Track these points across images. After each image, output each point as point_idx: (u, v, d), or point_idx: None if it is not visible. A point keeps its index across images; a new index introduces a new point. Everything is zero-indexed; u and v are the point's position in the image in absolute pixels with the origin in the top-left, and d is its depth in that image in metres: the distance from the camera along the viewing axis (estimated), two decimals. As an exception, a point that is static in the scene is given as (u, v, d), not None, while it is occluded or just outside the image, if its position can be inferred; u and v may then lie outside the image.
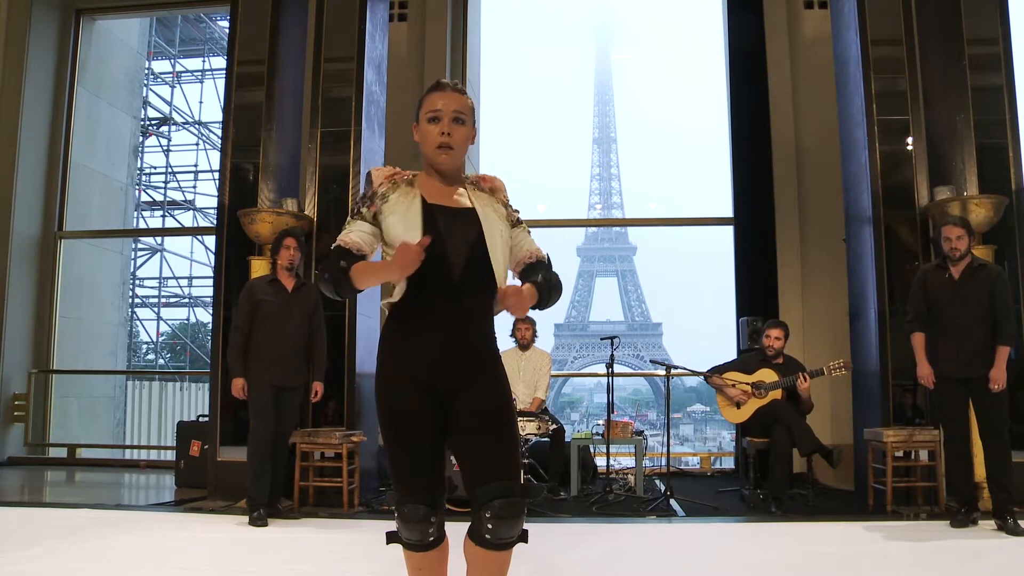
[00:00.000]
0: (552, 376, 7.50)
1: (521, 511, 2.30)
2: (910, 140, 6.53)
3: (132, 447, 12.37)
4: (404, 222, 2.35)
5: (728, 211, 9.08)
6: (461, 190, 2.48)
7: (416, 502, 2.33)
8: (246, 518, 5.49)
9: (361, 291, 2.39)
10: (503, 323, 6.97)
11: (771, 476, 6.06)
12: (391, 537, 2.42)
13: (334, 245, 2.38)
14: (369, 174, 2.48)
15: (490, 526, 2.27)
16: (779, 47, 8.83)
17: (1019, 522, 4.95)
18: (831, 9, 7.68)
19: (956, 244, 5.21)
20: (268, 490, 5.54)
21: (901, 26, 6.65)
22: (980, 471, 5.38)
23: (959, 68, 6.45)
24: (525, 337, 7.24)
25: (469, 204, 2.45)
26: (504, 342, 7.28)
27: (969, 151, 6.33)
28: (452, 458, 5.80)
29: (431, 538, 2.37)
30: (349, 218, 2.43)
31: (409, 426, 2.33)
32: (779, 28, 8.86)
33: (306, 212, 6.79)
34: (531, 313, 2.83)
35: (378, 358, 2.42)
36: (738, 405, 6.39)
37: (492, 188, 2.55)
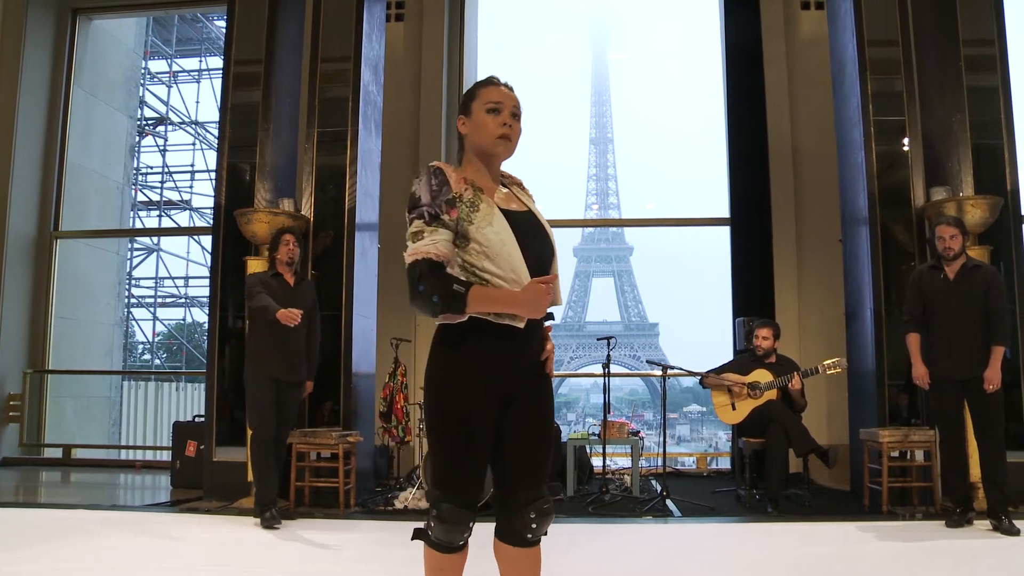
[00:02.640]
0: (549, 376, 7.49)
1: (553, 509, 2.42)
2: (906, 141, 6.54)
3: (128, 447, 12.36)
4: (502, 237, 2.28)
5: (725, 211, 9.09)
6: (504, 188, 2.46)
7: (460, 505, 2.31)
8: (242, 518, 5.49)
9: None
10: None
11: (767, 476, 6.07)
12: (418, 534, 2.41)
13: (422, 257, 2.23)
14: (440, 171, 2.32)
15: (535, 525, 2.35)
16: (776, 47, 8.84)
17: (1014, 522, 4.97)
18: (828, 10, 7.69)
19: (950, 243, 5.22)
20: (276, 490, 5.50)
21: (897, 27, 6.66)
22: (975, 471, 5.40)
23: (955, 69, 6.46)
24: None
25: (523, 206, 2.44)
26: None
27: (965, 152, 6.34)
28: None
29: (463, 541, 2.37)
30: (420, 221, 2.27)
31: (476, 432, 2.31)
32: (776, 29, 8.87)
33: (303, 212, 6.79)
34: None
35: (442, 360, 2.34)
36: (733, 406, 6.39)
37: (519, 184, 2.54)
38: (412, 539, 2.42)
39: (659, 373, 6.62)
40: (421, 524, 2.42)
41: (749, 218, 8.71)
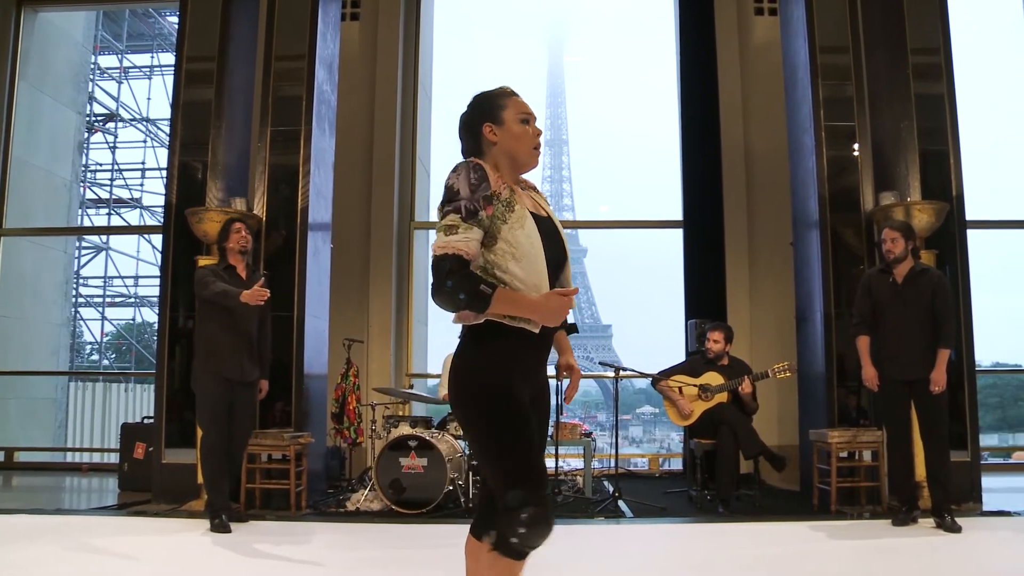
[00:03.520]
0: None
1: None
2: (856, 146, 6.64)
3: (74, 450, 12.14)
4: (532, 241, 2.31)
5: (678, 214, 9.14)
6: (520, 190, 2.47)
7: (545, 503, 2.23)
8: (192, 521, 5.40)
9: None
10: (456, 327, 6.95)
11: (717, 477, 6.13)
12: (502, 546, 2.24)
13: (453, 252, 2.22)
14: (480, 167, 2.32)
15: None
16: (730, 53, 8.92)
17: (956, 520, 5.09)
18: (780, 16, 7.79)
19: (890, 247, 5.34)
20: (227, 495, 5.38)
21: (848, 34, 6.77)
22: (920, 470, 5.50)
23: (903, 76, 6.58)
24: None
25: (543, 211, 2.47)
26: (455, 345, 7.26)
27: (912, 157, 6.46)
28: (400, 459, 5.78)
29: None
30: (457, 215, 2.25)
31: (533, 425, 2.31)
32: (730, 34, 8.95)
33: (255, 211, 6.71)
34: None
35: (493, 357, 2.31)
36: (685, 417, 6.44)
37: (535, 188, 2.56)
38: (492, 549, 2.25)
39: (612, 374, 6.65)
40: (491, 535, 2.27)
41: (702, 221, 8.78)
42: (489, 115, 2.44)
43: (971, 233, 6.57)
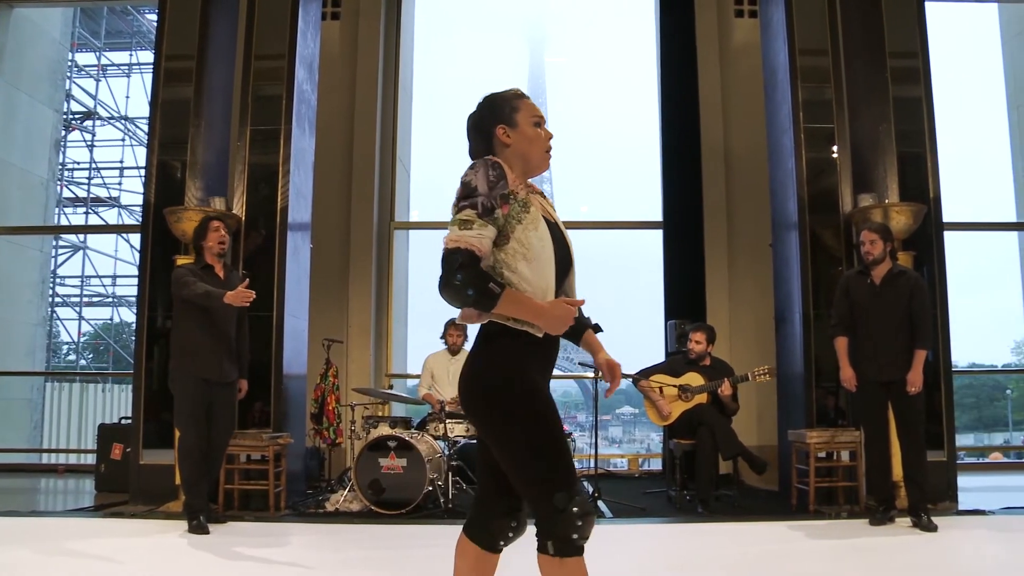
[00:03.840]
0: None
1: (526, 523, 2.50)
2: (835, 148, 6.68)
3: (50, 451, 12.04)
4: (544, 244, 2.31)
5: (658, 215, 9.17)
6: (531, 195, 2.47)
7: (583, 493, 2.23)
8: (169, 523, 5.36)
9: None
10: (436, 327, 6.98)
11: (696, 478, 6.15)
12: (567, 551, 2.27)
13: (465, 247, 2.20)
14: (499, 164, 2.30)
15: (511, 534, 2.47)
16: (710, 55, 8.95)
17: (932, 519, 5.13)
18: (760, 19, 7.83)
19: (869, 248, 5.38)
20: (206, 497, 5.33)
21: (827, 37, 6.81)
22: (897, 470, 5.54)
23: (882, 79, 6.63)
24: (456, 343, 7.18)
25: (551, 216, 2.46)
26: (435, 345, 7.26)
27: (891, 160, 6.51)
28: (379, 460, 5.76)
29: None
30: (473, 211, 2.23)
31: (557, 415, 2.31)
32: (710, 36, 8.98)
33: (234, 211, 6.67)
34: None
35: (509, 356, 2.30)
36: (664, 417, 6.45)
37: (542, 193, 2.54)
38: (563, 557, 2.27)
39: (591, 375, 6.66)
40: (549, 545, 2.26)
41: (682, 222, 8.81)
42: (502, 117, 2.43)
43: (948, 235, 6.63)
